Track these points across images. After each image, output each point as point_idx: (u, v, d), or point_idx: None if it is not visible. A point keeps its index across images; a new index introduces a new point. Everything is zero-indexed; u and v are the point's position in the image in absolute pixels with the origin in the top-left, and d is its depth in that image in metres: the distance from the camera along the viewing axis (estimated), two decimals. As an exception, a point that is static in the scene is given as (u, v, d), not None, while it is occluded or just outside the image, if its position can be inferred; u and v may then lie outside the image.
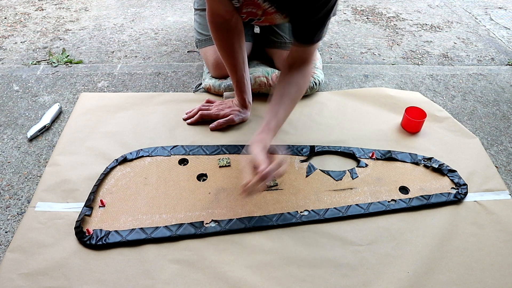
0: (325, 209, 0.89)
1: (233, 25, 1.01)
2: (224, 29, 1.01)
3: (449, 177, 0.98)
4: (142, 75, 1.37)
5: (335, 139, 1.08)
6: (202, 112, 1.12)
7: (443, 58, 1.53)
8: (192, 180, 0.95)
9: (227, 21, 1.00)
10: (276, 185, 0.95)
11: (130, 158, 0.99)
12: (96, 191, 0.91)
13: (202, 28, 1.25)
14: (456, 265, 0.80)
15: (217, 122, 1.10)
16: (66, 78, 1.35)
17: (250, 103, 1.13)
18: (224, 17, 0.99)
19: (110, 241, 0.80)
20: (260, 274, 0.77)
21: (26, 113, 1.19)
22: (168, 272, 0.77)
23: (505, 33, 1.73)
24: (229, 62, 1.06)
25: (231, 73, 1.08)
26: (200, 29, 1.26)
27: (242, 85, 1.09)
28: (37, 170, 1.00)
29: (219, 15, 0.99)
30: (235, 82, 1.09)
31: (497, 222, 0.88)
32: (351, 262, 0.80)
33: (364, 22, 1.79)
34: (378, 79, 1.39)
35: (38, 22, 1.73)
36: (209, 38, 1.23)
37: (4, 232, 0.86)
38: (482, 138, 1.14)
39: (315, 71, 1.27)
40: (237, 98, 1.12)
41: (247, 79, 1.10)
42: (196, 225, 0.85)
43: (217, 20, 1.00)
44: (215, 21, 1.00)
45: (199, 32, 1.27)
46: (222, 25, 1.01)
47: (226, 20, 0.99)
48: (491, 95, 1.33)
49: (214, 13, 0.99)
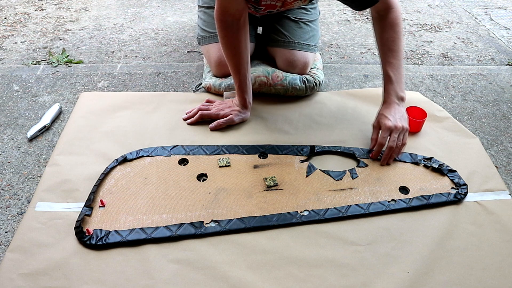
0: (325, 209, 0.89)
1: (241, 25, 1.01)
2: (233, 28, 1.01)
3: (449, 177, 0.98)
4: (142, 75, 1.37)
5: (335, 139, 1.08)
6: (202, 112, 1.12)
7: (443, 58, 1.53)
8: (192, 180, 0.95)
9: (236, 20, 1.00)
10: (276, 185, 0.95)
11: (130, 158, 0.99)
12: (96, 191, 0.91)
13: (206, 25, 1.25)
14: (456, 265, 0.80)
15: (216, 122, 1.10)
16: (66, 78, 1.35)
17: (250, 103, 1.13)
18: (234, 16, 0.99)
19: (110, 241, 0.80)
20: (260, 274, 0.77)
21: (26, 113, 1.19)
22: (168, 272, 0.77)
23: (505, 33, 1.73)
24: (233, 62, 1.06)
25: (234, 72, 1.08)
26: (204, 26, 1.26)
27: (244, 85, 1.09)
28: (37, 170, 1.00)
29: (229, 13, 0.98)
30: (238, 82, 1.09)
31: (497, 222, 0.88)
32: (351, 262, 0.80)
33: (364, 22, 1.79)
34: (378, 79, 1.39)
35: (38, 22, 1.73)
36: (212, 36, 1.23)
37: (4, 232, 0.86)
38: (482, 138, 1.14)
39: (315, 72, 1.27)
40: (237, 98, 1.12)
41: (249, 80, 1.10)
42: (196, 225, 0.85)
43: (226, 19, 0.99)
44: (225, 19, 1.00)
45: (202, 29, 1.26)
46: (231, 24, 1.00)
47: (236, 19, 0.99)
48: (491, 95, 1.33)
49: (224, 11, 0.98)
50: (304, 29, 1.26)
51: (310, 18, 1.28)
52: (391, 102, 1.03)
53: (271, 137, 1.08)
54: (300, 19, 1.26)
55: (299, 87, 1.21)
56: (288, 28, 1.25)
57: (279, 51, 1.26)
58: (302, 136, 1.09)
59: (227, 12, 0.98)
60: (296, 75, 1.22)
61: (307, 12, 1.28)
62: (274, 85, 1.20)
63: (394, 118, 1.00)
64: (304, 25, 1.26)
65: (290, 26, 1.25)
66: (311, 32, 1.27)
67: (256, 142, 1.06)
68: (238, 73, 1.07)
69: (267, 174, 0.97)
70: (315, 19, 1.30)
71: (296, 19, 1.25)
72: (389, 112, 1.02)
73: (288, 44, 1.24)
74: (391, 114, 1.01)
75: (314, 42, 1.27)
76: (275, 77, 1.20)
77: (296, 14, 1.26)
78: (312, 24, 1.28)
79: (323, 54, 1.53)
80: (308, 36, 1.25)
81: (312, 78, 1.23)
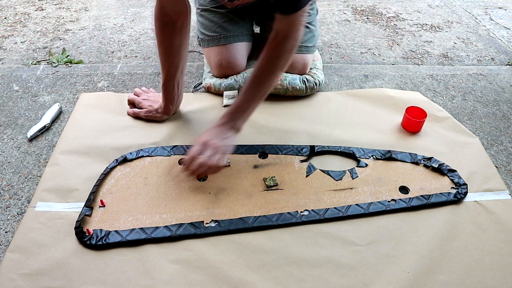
0: (325, 209, 0.89)
1: (178, 27, 0.98)
2: (167, 30, 0.99)
3: (449, 177, 0.98)
4: (142, 75, 1.37)
5: (335, 139, 1.08)
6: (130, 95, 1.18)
7: (443, 58, 1.53)
8: (192, 180, 0.95)
9: (172, 23, 0.97)
10: (276, 185, 0.95)
11: (130, 158, 0.99)
12: (96, 191, 0.91)
13: (205, 28, 1.25)
14: (456, 265, 0.80)
15: (133, 111, 1.14)
16: (66, 78, 1.35)
17: (172, 109, 1.11)
18: (170, 17, 0.96)
19: (110, 241, 0.80)
20: (260, 274, 0.77)
21: (26, 113, 1.19)
22: (168, 272, 0.77)
23: (505, 33, 1.73)
24: (163, 63, 1.04)
25: (162, 74, 1.06)
26: (203, 29, 1.26)
27: (167, 90, 1.07)
28: (37, 170, 1.00)
29: (165, 13, 0.96)
30: (162, 85, 1.07)
31: (497, 222, 0.88)
32: (351, 262, 0.80)
33: (364, 22, 1.79)
34: (378, 79, 1.39)
35: (38, 22, 1.73)
36: (211, 39, 1.23)
37: (4, 232, 0.86)
38: (482, 138, 1.14)
39: (315, 71, 1.27)
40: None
41: (177, 85, 1.07)
42: (196, 225, 0.85)
43: (162, 19, 0.97)
44: (161, 18, 0.97)
45: (202, 32, 1.26)
46: (166, 25, 0.98)
47: (172, 21, 0.97)
48: (491, 95, 1.33)
49: (161, 9, 0.96)
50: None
51: (308, 20, 1.26)
52: (221, 125, 0.93)
53: (271, 137, 1.08)
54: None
55: (299, 87, 1.21)
56: None
57: None
58: (302, 136, 1.09)
59: (163, 11, 0.96)
60: (296, 75, 1.22)
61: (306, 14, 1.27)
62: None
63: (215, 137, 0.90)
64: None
65: None
66: (309, 33, 1.26)
67: (256, 142, 1.06)
68: (163, 75, 1.05)
69: (267, 174, 0.97)
70: (313, 19, 1.29)
71: None
72: (212, 132, 0.92)
73: None
74: (214, 133, 0.91)
75: (312, 43, 1.27)
76: (275, 77, 1.20)
77: None
78: (310, 25, 1.27)
79: (323, 54, 1.53)
80: (306, 38, 1.25)
81: (312, 78, 1.23)
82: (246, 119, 0.96)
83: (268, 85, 0.95)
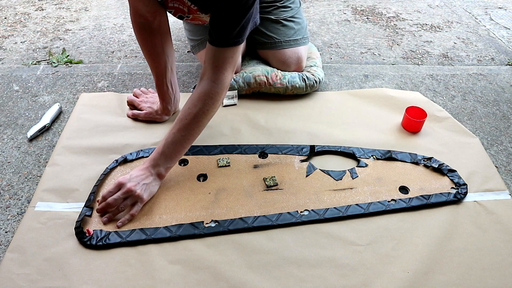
0: (325, 209, 0.89)
1: (155, 27, 0.98)
2: (146, 31, 0.99)
3: (449, 177, 0.98)
4: (142, 75, 1.37)
5: (335, 139, 1.08)
6: (130, 96, 1.17)
7: (443, 58, 1.53)
8: (192, 180, 0.95)
9: (149, 23, 0.97)
10: (276, 185, 0.95)
11: (130, 158, 0.99)
12: (96, 192, 0.91)
13: (192, 34, 1.25)
14: (456, 265, 0.80)
15: (132, 112, 1.13)
16: (66, 78, 1.35)
17: (171, 109, 1.11)
18: (146, 18, 0.96)
19: (111, 242, 0.81)
20: (260, 274, 0.77)
21: (26, 113, 1.19)
22: (168, 272, 0.77)
23: (505, 33, 1.73)
24: (150, 66, 1.05)
25: (153, 77, 1.07)
26: (191, 36, 1.26)
27: (161, 91, 1.07)
28: (37, 170, 1.00)
29: (140, 15, 0.96)
30: (156, 87, 1.08)
31: (497, 222, 0.88)
32: (351, 262, 0.80)
33: (364, 22, 1.79)
34: (378, 79, 1.39)
35: (38, 22, 1.73)
36: (201, 41, 1.22)
37: (4, 232, 0.86)
38: (482, 138, 1.14)
39: (315, 69, 1.27)
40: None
41: (170, 85, 1.07)
42: (196, 225, 0.85)
43: (138, 21, 0.97)
44: (137, 21, 0.98)
45: (190, 39, 1.27)
46: (144, 26, 0.98)
47: (149, 21, 0.97)
48: (491, 95, 1.33)
49: (135, 12, 0.96)
50: (288, 26, 1.24)
51: (291, 14, 1.25)
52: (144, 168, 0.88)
53: (271, 137, 1.08)
54: (281, 18, 1.23)
55: (298, 85, 1.21)
56: (271, 29, 1.23)
57: (269, 53, 1.25)
58: (302, 136, 1.09)
59: (137, 13, 0.96)
60: (295, 73, 1.22)
61: (286, 9, 1.25)
62: (274, 84, 1.20)
63: (135, 181, 0.85)
64: (286, 22, 1.24)
65: (272, 27, 1.23)
66: (295, 26, 1.25)
67: (256, 142, 1.06)
68: (155, 78, 1.06)
69: (267, 174, 0.97)
70: (297, 12, 1.27)
71: (277, 19, 1.23)
72: (133, 174, 0.87)
73: (275, 44, 1.23)
74: (134, 176, 0.86)
75: (301, 35, 1.26)
76: (274, 76, 1.20)
77: (276, 14, 1.23)
78: (294, 18, 1.25)
79: (323, 54, 1.53)
80: (293, 32, 1.24)
81: (312, 76, 1.23)
82: (171, 165, 0.90)
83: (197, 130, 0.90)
